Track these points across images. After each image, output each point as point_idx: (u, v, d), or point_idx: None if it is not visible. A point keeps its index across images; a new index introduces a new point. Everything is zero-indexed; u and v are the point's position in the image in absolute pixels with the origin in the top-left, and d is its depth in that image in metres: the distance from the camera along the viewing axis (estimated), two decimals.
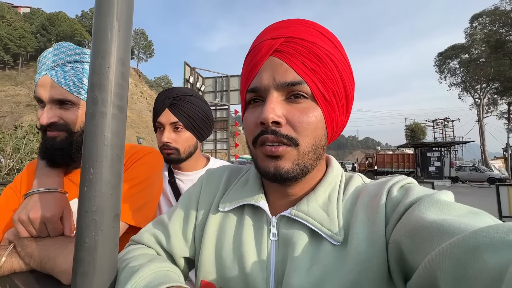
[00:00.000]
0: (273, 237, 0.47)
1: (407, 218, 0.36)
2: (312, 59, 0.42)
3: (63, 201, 0.68)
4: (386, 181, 0.46)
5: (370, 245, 0.40)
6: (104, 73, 0.44)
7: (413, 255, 0.34)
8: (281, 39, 0.43)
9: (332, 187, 0.48)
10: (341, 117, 0.47)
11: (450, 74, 32.63)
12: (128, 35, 0.48)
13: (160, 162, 0.90)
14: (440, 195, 0.37)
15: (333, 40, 0.45)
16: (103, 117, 0.44)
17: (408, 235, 0.35)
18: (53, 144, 0.70)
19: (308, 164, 0.44)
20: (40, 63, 0.72)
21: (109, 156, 0.44)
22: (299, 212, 0.46)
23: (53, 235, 0.65)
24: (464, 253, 0.25)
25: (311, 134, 0.43)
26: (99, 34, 0.45)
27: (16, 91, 38.65)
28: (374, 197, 0.44)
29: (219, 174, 0.60)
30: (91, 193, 0.42)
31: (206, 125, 1.05)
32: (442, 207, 0.35)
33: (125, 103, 0.48)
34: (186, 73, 9.73)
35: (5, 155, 7.33)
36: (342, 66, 0.45)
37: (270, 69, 0.43)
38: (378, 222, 0.40)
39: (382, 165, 22.18)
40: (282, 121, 0.42)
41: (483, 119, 30.60)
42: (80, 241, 0.41)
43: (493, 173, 20.63)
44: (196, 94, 1.06)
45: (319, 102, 0.43)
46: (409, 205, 0.39)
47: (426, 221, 0.33)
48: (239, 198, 0.52)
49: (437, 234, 0.30)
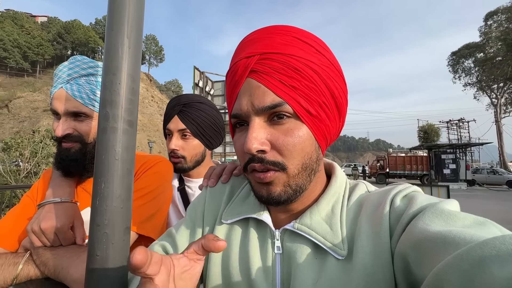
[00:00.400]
0: (277, 250, 0.47)
1: (411, 229, 0.36)
2: (291, 74, 0.40)
3: (74, 211, 0.70)
4: (389, 190, 0.45)
5: (376, 258, 0.39)
6: (115, 90, 0.46)
7: (419, 268, 0.33)
8: (255, 57, 0.41)
9: (336, 199, 0.47)
10: (333, 125, 0.46)
11: (465, 73, 31.71)
12: (138, 51, 0.49)
13: (170, 171, 0.92)
14: (445, 204, 0.36)
15: (313, 44, 0.42)
16: (114, 132, 0.45)
17: (413, 247, 0.34)
18: (68, 155, 0.73)
19: (300, 183, 0.43)
20: (56, 77, 0.75)
21: (119, 171, 0.45)
22: (302, 226, 0.45)
23: (65, 244, 0.67)
24: (470, 265, 0.24)
25: (299, 154, 0.41)
26: (110, 51, 0.46)
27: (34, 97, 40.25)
28: (377, 208, 0.43)
29: (221, 188, 0.60)
30: (103, 207, 0.43)
31: (215, 133, 1.04)
32: (447, 218, 0.34)
33: (135, 117, 0.49)
34: (196, 77, 9.88)
35: (23, 158, 7.63)
36: (327, 72, 0.42)
37: (248, 93, 0.42)
38: (382, 234, 0.40)
39: (394, 168, 21.69)
40: (267, 148, 0.41)
41: (500, 120, 29.50)
42: (92, 254, 0.42)
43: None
44: (206, 101, 1.05)
45: (303, 119, 0.41)
46: (412, 215, 0.38)
47: (431, 232, 0.32)
48: (241, 211, 0.52)
49: (443, 246, 0.29)
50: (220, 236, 0.53)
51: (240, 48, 0.45)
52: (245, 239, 0.51)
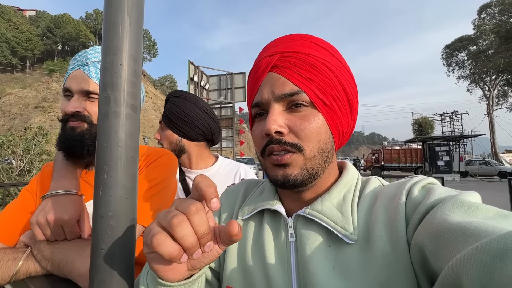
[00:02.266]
0: (291, 238, 0.48)
1: (430, 220, 0.35)
2: (308, 69, 0.44)
3: (80, 204, 0.67)
4: (405, 181, 0.45)
5: (394, 247, 0.39)
6: (116, 71, 0.42)
7: (436, 259, 0.32)
8: (277, 55, 0.46)
9: (347, 189, 0.48)
10: (345, 119, 0.48)
11: (458, 66, 31.94)
12: (139, 30, 0.46)
13: (175, 164, 0.89)
14: (466, 196, 0.35)
15: (328, 48, 0.47)
16: (116, 117, 0.42)
17: (431, 238, 0.33)
18: (73, 135, 0.71)
19: (316, 168, 0.45)
20: (74, 61, 0.76)
21: (123, 158, 0.42)
22: (313, 211, 0.46)
23: (70, 238, 0.64)
24: (491, 257, 0.24)
25: (315, 138, 0.44)
26: (110, 30, 0.43)
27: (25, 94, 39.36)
28: (393, 198, 0.43)
29: (237, 190, 0.63)
30: (106, 198, 0.40)
31: (185, 123, 1.12)
32: (468, 209, 0.33)
33: (138, 102, 0.45)
34: (190, 72, 9.74)
35: (15, 156, 7.47)
36: (340, 71, 0.46)
37: (269, 83, 0.46)
38: (398, 223, 0.39)
39: (389, 161, 21.90)
40: (285, 130, 0.44)
41: (492, 112, 29.93)
42: (96, 248, 0.40)
43: (504, 166, 20.18)
44: (182, 95, 1.15)
45: (319, 108, 0.45)
46: (431, 206, 0.37)
47: (450, 223, 0.31)
48: (256, 204, 0.54)
49: (462, 237, 0.29)
50: None
51: (263, 50, 0.50)
52: (260, 230, 0.52)
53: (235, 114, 10.87)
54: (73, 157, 0.73)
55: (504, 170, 19.10)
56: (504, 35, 24.81)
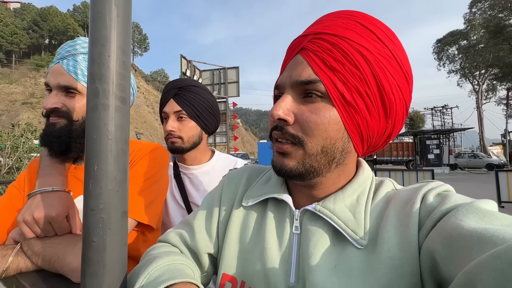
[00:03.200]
0: (295, 230, 0.46)
1: (443, 225, 0.34)
2: (336, 56, 0.39)
3: (68, 200, 0.66)
4: (420, 186, 0.43)
5: (403, 251, 0.37)
6: (104, 63, 0.41)
7: (448, 266, 0.31)
8: (310, 36, 0.42)
9: (362, 190, 0.45)
10: (375, 121, 0.42)
11: (449, 61, 32.39)
12: (127, 21, 0.45)
13: (167, 158, 0.88)
14: (481, 203, 0.34)
15: (377, 31, 0.40)
16: (105, 109, 0.41)
17: (444, 244, 0.32)
18: (52, 131, 0.70)
19: (316, 166, 0.42)
20: (57, 54, 0.75)
21: (114, 151, 0.41)
22: (323, 209, 0.43)
23: (60, 234, 0.63)
24: (508, 265, 0.23)
25: (320, 135, 0.40)
26: (97, 20, 0.42)
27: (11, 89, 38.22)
28: (407, 203, 0.41)
29: (240, 174, 0.60)
30: (97, 190, 0.40)
31: (210, 115, 1.04)
32: (483, 215, 0.32)
33: (127, 94, 0.45)
34: (183, 66, 9.61)
35: (3, 153, 7.29)
36: (381, 63, 0.39)
37: (291, 67, 0.43)
38: (411, 227, 0.38)
39: (382, 154, 22.22)
40: (289, 119, 0.41)
41: (481, 106, 30.56)
42: (87, 241, 0.39)
43: (491, 159, 20.74)
44: (201, 85, 1.05)
45: (335, 103, 0.40)
46: (445, 211, 0.36)
47: (465, 229, 0.30)
48: (262, 192, 0.52)
49: (477, 244, 0.27)
50: (237, 219, 0.53)
51: (306, 28, 0.46)
52: (262, 220, 0.51)
53: (229, 109, 10.81)
54: (54, 153, 0.72)
55: (491, 163, 19.65)
56: (493, 30, 25.20)
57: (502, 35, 24.81)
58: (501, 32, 24.82)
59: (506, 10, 24.67)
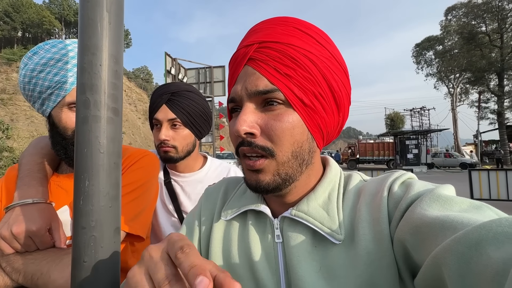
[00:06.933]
0: (277, 239, 0.47)
1: (409, 215, 0.36)
2: (287, 63, 0.40)
3: (50, 212, 0.62)
4: (385, 177, 0.45)
5: (378, 245, 0.40)
6: (95, 72, 0.40)
7: (417, 253, 0.34)
8: (254, 46, 0.42)
9: (332, 186, 0.47)
10: (330, 118, 0.44)
11: (426, 64, 33.83)
12: (119, 28, 0.43)
13: (157, 166, 0.85)
14: (441, 189, 0.37)
15: (315, 35, 0.43)
16: (97, 121, 0.39)
17: (412, 233, 0.34)
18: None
19: (290, 173, 0.43)
20: None
21: (105, 165, 0.39)
22: (299, 212, 0.45)
23: (43, 249, 0.60)
24: (467, 248, 0.25)
25: (287, 141, 0.41)
26: (87, 27, 0.40)
27: None
28: (375, 195, 0.43)
29: (217, 188, 0.60)
30: (88, 207, 0.38)
31: (205, 122, 1.01)
32: (444, 203, 0.34)
33: (120, 105, 0.43)
34: (167, 64, 9.38)
35: None
36: (326, 64, 0.42)
37: (243, 78, 0.43)
38: (382, 221, 0.40)
39: (364, 154, 22.90)
40: (256, 131, 0.41)
41: (456, 108, 32.21)
42: (78, 261, 0.37)
43: (464, 158, 21.96)
44: (195, 90, 1.01)
45: (295, 107, 0.41)
46: (410, 201, 0.38)
47: (429, 217, 0.32)
48: (240, 205, 0.52)
49: (440, 230, 0.30)
50: (219, 233, 0.53)
51: (244, 38, 0.46)
52: (244, 232, 0.51)
53: (215, 109, 10.70)
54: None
55: (465, 162, 20.80)
56: (466, 36, 26.58)
57: (475, 42, 26.24)
58: (474, 39, 26.25)
59: (478, 18, 26.14)
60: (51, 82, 0.66)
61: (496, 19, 24.67)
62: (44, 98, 0.68)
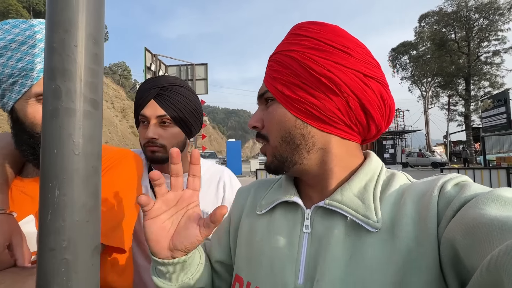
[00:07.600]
0: (305, 230, 0.47)
1: (463, 215, 0.33)
2: (275, 68, 0.48)
3: (10, 225, 0.52)
4: (437, 178, 0.42)
5: (421, 244, 0.37)
6: (69, 54, 0.32)
7: (470, 256, 0.30)
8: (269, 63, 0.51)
9: (369, 178, 0.46)
10: (327, 101, 0.44)
11: (402, 68, 35.48)
12: (100, 3, 0.35)
13: (140, 167, 0.76)
14: (501, 191, 0.33)
15: (304, 32, 0.46)
16: (70, 115, 0.31)
17: (464, 234, 0.31)
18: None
19: (285, 155, 0.48)
20: None
21: (81, 170, 0.32)
22: (333, 202, 0.45)
23: (1, 269, 0.50)
24: None
25: (275, 128, 0.48)
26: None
27: None
28: (424, 194, 0.40)
29: (249, 187, 0.65)
30: (58, 223, 0.30)
31: (196, 119, 0.92)
32: (504, 203, 0.31)
33: (100, 96, 0.35)
34: (147, 60, 9.04)
35: None
36: (306, 55, 0.44)
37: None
38: (429, 220, 0.37)
39: None
40: (258, 125, 0.52)
41: (428, 110, 34.11)
42: None
43: (435, 158, 23.39)
44: (186, 85, 0.92)
45: (279, 100, 0.47)
46: (465, 200, 0.35)
47: (486, 217, 0.29)
48: (275, 198, 0.54)
49: (499, 232, 0.27)
50: (248, 225, 0.56)
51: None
52: (273, 222, 0.52)
53: None
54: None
55: (435, 161, 22.16)
56: (438, 43, 28.25)
57: (445, 48, 27.95)
58: (444, 45, 27.95)
59: (449, 26, 27.86)
60: (14, 69, 0.56)
61: (464, 27, 26.44)
62: (4, 88, 0.58)
